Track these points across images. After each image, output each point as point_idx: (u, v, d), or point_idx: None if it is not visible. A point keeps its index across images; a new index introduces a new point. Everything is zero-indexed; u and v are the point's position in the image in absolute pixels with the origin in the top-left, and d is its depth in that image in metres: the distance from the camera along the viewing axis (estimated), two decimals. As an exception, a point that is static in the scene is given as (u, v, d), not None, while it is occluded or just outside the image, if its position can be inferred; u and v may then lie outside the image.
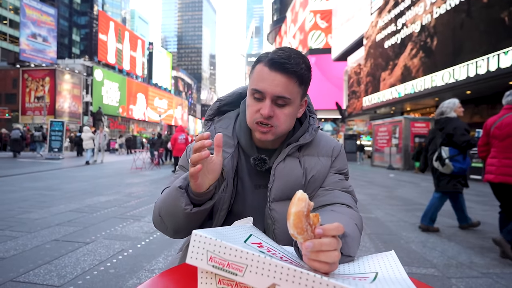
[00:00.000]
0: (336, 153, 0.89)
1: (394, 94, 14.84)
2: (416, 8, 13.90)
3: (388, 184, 8.35)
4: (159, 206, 0.78)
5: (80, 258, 2.50)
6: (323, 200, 0.82)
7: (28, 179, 7.23)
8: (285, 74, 0.74)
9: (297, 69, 0.75)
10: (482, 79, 9.79)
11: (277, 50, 0.77)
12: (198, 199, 0.72)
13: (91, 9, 62.86)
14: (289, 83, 0.75)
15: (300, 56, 0.77)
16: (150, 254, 2.67)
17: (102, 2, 69.78)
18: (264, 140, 0.80)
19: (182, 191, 0.71)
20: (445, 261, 2.69)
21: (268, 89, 0.74)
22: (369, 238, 3.29)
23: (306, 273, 0.47)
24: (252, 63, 0.84)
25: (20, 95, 33.30)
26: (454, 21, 11.30)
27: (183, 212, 0.70)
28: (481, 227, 3.82)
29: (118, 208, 4.45)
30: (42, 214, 3.95)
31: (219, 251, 0.50)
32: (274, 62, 0.74)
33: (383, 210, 4.78)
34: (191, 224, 0.75)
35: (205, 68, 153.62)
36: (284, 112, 0.77)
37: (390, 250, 0.63)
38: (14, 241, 2.87)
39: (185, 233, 0.79)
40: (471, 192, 6.97)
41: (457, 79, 10.77)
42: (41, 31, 35.42)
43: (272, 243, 0.64)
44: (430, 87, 12.24)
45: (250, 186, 0.85)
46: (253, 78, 0.78)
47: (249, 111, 0.79)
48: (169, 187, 0.78)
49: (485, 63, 9.61)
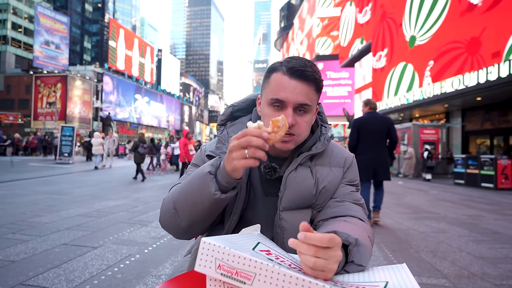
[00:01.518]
0: (348, 164, 0.89)
1: (403, 101, 14.68)
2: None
3: (396, 191, 8.24)
4: (174, 198, 0.76)
5: (88, 262, 2.53)
6: (334, 212, 0.81)
7: (39, 183, 7.36)
8: (306, 82, 0.76)
9: (316, 76, 0.78)
10: (493, 85, 9.61)
11: (291, 59, 0.78)
12: (226, 187, 0.71)
13: (102, 17, 64.40)
14: (309, 90, 0.77)
15: (314, 64, 0.79)
16: (157, 259, 2.67)
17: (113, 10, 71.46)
18: (285, 150, 0.80)
19: (211, 177, 0.70)
20: (456, 271, 2.61)
21: (290, 98, 0.75)
22: (377, 247, 3.23)
23: (315, 282, 0.47)
24: (259, 69, 0.89)
25: (33, 101, 34.07)
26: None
27: (211, 197, 0.70)
28: (493, 236, 3.72)
29: (126, 213, 4.49)
30: (52, 218, 4.01)
31: (228, 259, 0.50)
32: (295, 70, 0.76)
33: (391, 218, 4.72)
34: (210, 216, 0.75)
35: (212, 74, 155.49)
36: (305, 120, 0.79)
37: (401, 262, 0.65)
38: (25, 244, 2.92)
39: (198, 228, 0.78)
40: (482, 200, 6.80)
41: (467, 85, 10.60)
42: (54, 39, 36.30)
43: (280, 250, 0.64)
44: (439, 93, 12.08)
45: (260, 193, 0.85)
46: (271, 87, 0.78)
47: (267, 121, 0.76)
48: (190, 177, 0.76)
49: (495, 69, 9.45)
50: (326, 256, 0.53)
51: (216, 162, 0.74)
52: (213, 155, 0.85)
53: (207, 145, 0.92)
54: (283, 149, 0.79)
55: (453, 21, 11.71)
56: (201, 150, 0.92)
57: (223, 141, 0.87)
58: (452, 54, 11.68)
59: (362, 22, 20.72)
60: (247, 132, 0.65)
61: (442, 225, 4.27)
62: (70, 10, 55.36)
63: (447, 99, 11.96)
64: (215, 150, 0.86)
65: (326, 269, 0.53)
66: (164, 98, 55.27)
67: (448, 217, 4.82)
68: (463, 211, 5.41)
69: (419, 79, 13.73)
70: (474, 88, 10.28)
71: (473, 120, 13.45)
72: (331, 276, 0.54)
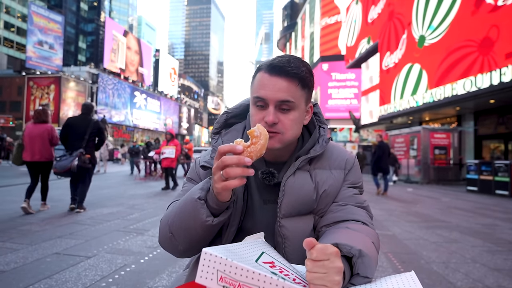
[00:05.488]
0: (350, 166, 0.87)
1: (412, 103, 14.06)
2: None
3: (405, 198, 7.94)
4: (169, 222, 0.76)
5: (81, 273, 2.45)
6: (336, 216, 0.80)
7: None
8: (286, 77, 0.74)
9: (298, 71, 0.75)
10: (507, 87, 9.16)
11: (276, 57, 0.78)
12: (218, 209, 0.71)
13: (98, 16, 63.62)
14: (291, 86, 0.75)
15: (299, 60, 0.78)
16: (154, 270, 2.59)
17: (109, 9, 70.72)
18: (271, 148, 0.74)
19: (201, 203, 0.70)
20: (470, 284, 2.50)
21: (270, 95, 0.74)
22: (386, 258, 3.10)
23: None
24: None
25: (25, 103, 33.37)
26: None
27: (203, 224, 0.70)
28: (509, 247, 3.55)
29: (121, 220, 4.36)
30: (43, 225, 3.89)
31: (230, 271, 0.49)
32: (274, 66, 0.75)
33: (400, 227, 4.55)
34: (207, 238, 0.75)
35: (212, 75, 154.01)
36: (289, 117, 0.76)
37: (410, 271, 0.62)
38: (15, 253, 2.84)
39: (197, 249, 0.76)
40: (497, 208, 6.62)
41: (480, 87, 10.08)
42: (47, 39, 35.73)
43: (284, 262, 0.64)
44: (450, 95, 11.49)
45: (259, 201, 0.84)
46: (254, 86, 0.78)
47: (253, 121, 0.78)
48: (181, 200, 0.76)
49: (509, 71, 8.98)
50: (323, 269, 0.53)
51: (206, 185, 0.73)
52: (208, 165, 0.84)
53: (201, 155, 0.91)
54: (269, 147, 0.71)
55: (464, 20, 11.29)
56: (195, 163, 0.91)
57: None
58: (464, 55, 11.22)
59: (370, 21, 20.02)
60: (219, 149, 0.65)
61: (454, 235, 4.13)
62: (65, 9, 54.62)
63: (459, 102, 11.59)
64: (210, 160, 0.85)
65: (328, 283, 0.53)
66: (162, 100, 54.36)
67: (460, 226, 4.68)
68: (477, 220, 5.24)
69: (428, 80, 13.28)
70: (487, 90, 9.90)
71: (486, 123, 13.02)
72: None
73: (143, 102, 48.63)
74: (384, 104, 17.14)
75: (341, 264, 0.55)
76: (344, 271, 0.57)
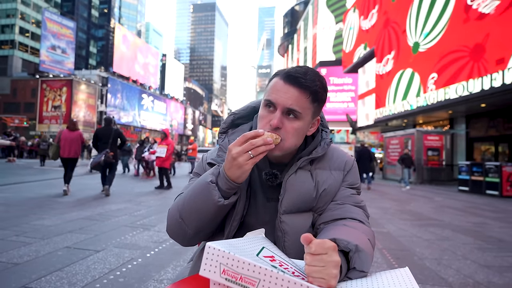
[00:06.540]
0: (349, 167, 0.90)
1: (406, 107, 14.63)
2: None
3: (400, 197, 8.18)
4: (179, 208, 0.79)
5: (90, 266, 2.53)
6: (334, 214, 0.82)
7: (42, 186, 7.39)
8: (298, 88, 0.76)
9: (311, 85, 0.77)
10: (497, 91, 9.57)
11: (295, 67, 0.80)
12: (228, 193, 0.75)
13: (108, 23, 65.20)
14: (301, 97, 0.76)
15: (317, 75, 0.79)
16: (159, 263, 2.67)
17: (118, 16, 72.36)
18: (271, 154, 0.79)
19: (213, 185, 0.74)
20: (461, 280, 2.57)
21: (280, 101, 0.76)
22: (381, 254, 3.21)
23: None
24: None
25: (38, 104, 34.41)
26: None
27: (215, 205, 0.74)
28: (499, 244, 3.68)
29: (129, 216, 4.50)
30: (55, 221, 4.02)
31: (232, 264, 0.50)
32: (289, 75, 0.77)
33: (395, 225, 4.68)
34: (215, 221, 0.79)
35: (216, 79, 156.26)
36: (293, 125, 0.78)
37: (404, 267, 0.63)
38: (28, 247, 2.93)
39: (204, 233, 0.81)
40: (487, 208, 6.76)
41: (471, 92, 10.56)
42: (60, 43, 36.81)
43: (284, 256, 0.65)
44: (443, 99, 12.03)
45: (262, 199, 0.86)
46: (268, 90, 0.80)
47: (261, 122, 0.80)
48: (193, 185, 0.79)
49: (500, 76, 9.42)
50: (321, 263, 0.54)
51: (216, 171, 0.77)
52: (215, 163, 0.86)
53: (208, 153, 0.93)
54: (269, 153, 0.77)
55: (457, 28, 11.73)
56: (202, 159, 0.94)
57: (225, 149, 0.88)
58: (456, 61, 11.65)
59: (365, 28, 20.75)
60: (245, 135, 0.71)
61: (446, 233, 4.24)
62: (77, 15, 56.17)
63: (451, 106, 11.92)
64: (217, 158, 0.88)
65: (326, 276, 0.54)
66: (168, 102, 55.59)
67: (452, 225, 4.79)
68: (468, 219, 5.37)
69: (422, 85, 13.70)
70: (479, 94, 10.24)
71: (477, 126, 13.38)
72: (334, 283, 0.54)
73: (150, 104, 49.75)
74: (380, 107, 17.53)
75: (338, 258, 0.56)
76: (341, 265, 0.58)
